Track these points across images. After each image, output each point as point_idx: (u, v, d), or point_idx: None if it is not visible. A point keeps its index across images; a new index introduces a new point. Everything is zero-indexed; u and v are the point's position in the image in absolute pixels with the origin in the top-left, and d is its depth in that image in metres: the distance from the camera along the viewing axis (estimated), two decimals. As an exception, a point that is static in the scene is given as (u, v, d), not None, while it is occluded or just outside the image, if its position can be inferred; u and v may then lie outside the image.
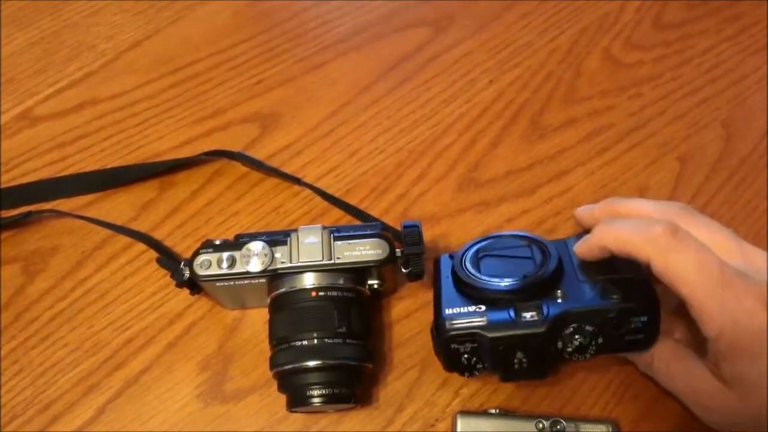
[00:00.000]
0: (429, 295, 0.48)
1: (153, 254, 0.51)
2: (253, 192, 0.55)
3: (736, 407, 0.36)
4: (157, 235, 0.53)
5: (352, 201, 0.54)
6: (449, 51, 0.62)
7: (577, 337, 0.38)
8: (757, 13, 0.64)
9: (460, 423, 0.43)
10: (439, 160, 0.56)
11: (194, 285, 0.45)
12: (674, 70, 0.61)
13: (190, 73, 0.62)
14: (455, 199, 0.54)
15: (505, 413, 0.43)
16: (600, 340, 0.38)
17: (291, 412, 0.43)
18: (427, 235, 0.48)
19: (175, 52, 0.63)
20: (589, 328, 0.38)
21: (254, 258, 0.42)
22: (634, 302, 0.38)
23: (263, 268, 0.42)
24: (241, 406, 0.46)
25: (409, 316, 0.49)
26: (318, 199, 0.54)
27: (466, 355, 0.39)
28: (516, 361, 0.39)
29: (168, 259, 0.49)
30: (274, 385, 0.46)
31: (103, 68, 0.62)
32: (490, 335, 0.38)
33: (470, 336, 0.38)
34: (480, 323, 0.38)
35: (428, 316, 0.49)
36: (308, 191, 0.54)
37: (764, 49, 0.62)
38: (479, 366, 0.39)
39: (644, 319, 0.38)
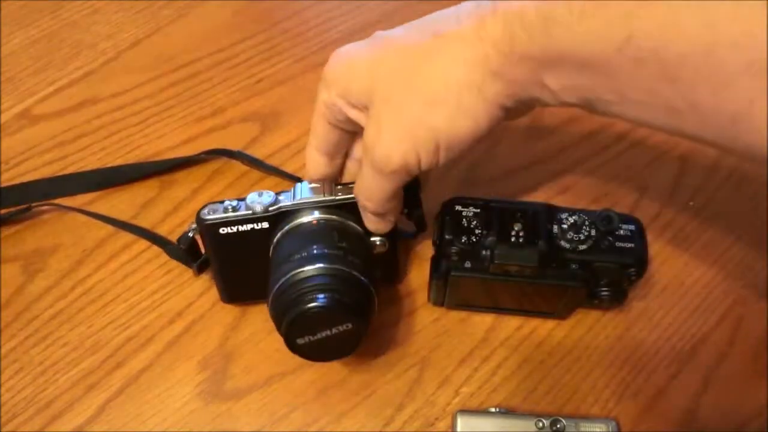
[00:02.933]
0: (426, 296, 0.48)
1: (153, 253, 0.51)
2: (253, 191, 0.55)
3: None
4: (157, 233, 0.53)
5: (352, 200, 0.54)
6: (449, 50, 0.62)
7: (572, 218, 0.41)
8: (757, 11, 0.64)
9: (460, 422, 0.43)
10: (439, 158, 0.56)
11: (198, 251, 0.45)
12: (674, 69, 0.61)
13: (190, 71, 0.62)
14: (455, 197, 0.54)
15: (505, 412, 0.43)
16: (593, 232, 0.41)
17: (292, 350, 0.39)
18: (428, 233, 0.48)
19: (175, 51, 0.63)
20: (582, 214, 0.42)
21: (258, 199, 0.42)
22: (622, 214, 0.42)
23: (265, 208, 0.42)
24: (241, 404, 0.46)
25: (409, 315, 0.49)
26: (318, 197, 0.54)
27: (466, 219, 0.42)
28: (514, 232, 0.41)
29: (173, 246, 0.49)
30: (275, 383, 0.47)
31: (103, 67, 0.62)
32: (494, 202, 0.43)
33: (474, 202, 0.42)
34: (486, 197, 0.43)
35: (428, 315, 0.49)
36: (308, 190, 0.54)
37: (764, 47, 0.62)
38: (477, 231, 0.41)
39: (632, 227, 0.42)
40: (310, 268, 0.39)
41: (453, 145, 0.35)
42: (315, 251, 0.40)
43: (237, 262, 0.45)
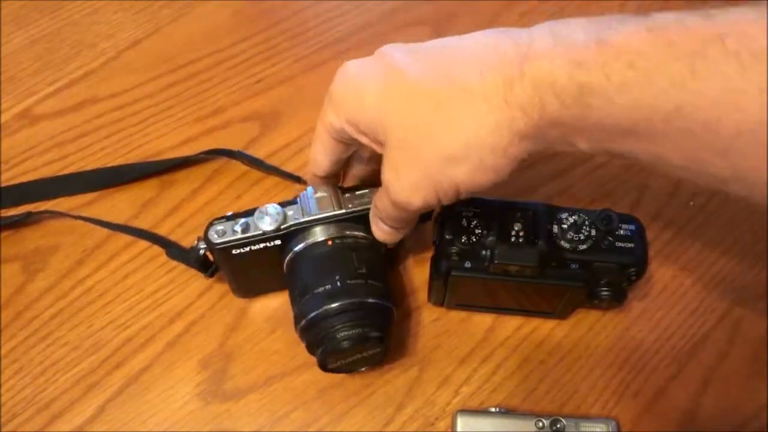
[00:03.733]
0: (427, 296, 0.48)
1: (153, 252, 0.51)
2: (253, 191, 0.55)
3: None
4: (157, 233, 0.53)
5: (352, 200, 0.54)
6: (449, 50, 0.62)
7: (572, 218, 0.41)
8: (757, 11, 0.64)
9: (460, 422, 0.43)
10: (439, 158, 0.56)
11: (209, 263, 0.45)
12: (674, 69, 0.61)
13: (190, 71, 0.62)
14: (455, 197, 0.54)
15: (505, 412, 0.43)
16: (593, 232, 0.41)
17: (325, 371, 0.43)
18: (427, 233, 0.48)
19: (175, 51, 0.63)
20: (582, 214, 0.41)
21: (267, 218, 0.42)
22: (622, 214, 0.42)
23: (277, 227, 0.42)
24: (241, 404, 0.46)
25: (409, 315, 0.49)
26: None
27: (466, 219, 0.42)
28: (514, 232, 0.41)
29: (179, 249, 0.49)
30: (275, 383, 0.47)
31: (103, 67, 0.62)
32: (494, 202, 0.42)
33: (474, 202, 0.42)
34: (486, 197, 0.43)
35: (428, 315, 0.49)
36: (308, 190, 0.54)
37: (764, 47, 0.62)
38: (477, 231, 0.41)
39: (632, 227, 0.42)
40: (336, 305, 0.40)
41: (474, 191, 0.35)
42: (338, 284, 0.41)
43: (249, 270, 0.46)
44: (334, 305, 0.40)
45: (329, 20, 0.65)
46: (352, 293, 0.41)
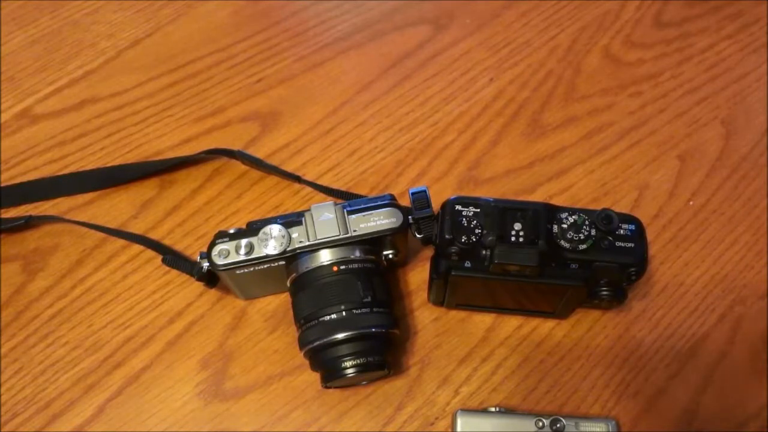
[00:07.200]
0: (426, 296, 0.48)
1: (153, 253, 0.51)
2: (253, 190, 0.55)
3: None
4: (157, 233, 0.53)
5: (352, 199, 0.54)
6: (449, 49, 0.62)
7: (572, 217, 0.41)
8: (756, 11, 0.64)
9: (460, 421, 0.43)
10: (439, 158, 0.56)
11: (212, 278, 0.45)
12: (674, 69, 0.61)
13: (190, 71, 0.62)
14: (455, 197, 0.54)
15: (505, 411, 0.43)
16: (593, 232, 0.41)
17: (326, 387, 0.44)
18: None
19: (175, 51, 0.63)
20: (582, 214, 0.41)
21: (272, 241, 0.42)
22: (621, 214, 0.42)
23: (282, 250, 0.42)
24: (241, 404, 0.46)
25: (409, 315, 0.49)
26: (319, 197, 0.54)
27: (466, 219, 0.41)
28: (513, 232, 0.41)
29: (174, 257, 0.49)
30: (274, 383, 0.47)
31: (103, 66, 0.62)
32: (494, 202, 0.42)
33: (474, 202, 0.42)
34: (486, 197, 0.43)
35: (428, 315, 0.49)
36: (308, 189, 0.54)
37: (764, 47, 0.62)
38: (477, 231, 0.41)
39: (632, 227, 0.42)
40: (342, 336, 0.41)
41: None
42: (344, 314, 0.41)
43: (252, 282, 0.46)
44: (339, 336, 0.41)
45: (329, 20, 0.65)
46: (358, 324, 0.41)
